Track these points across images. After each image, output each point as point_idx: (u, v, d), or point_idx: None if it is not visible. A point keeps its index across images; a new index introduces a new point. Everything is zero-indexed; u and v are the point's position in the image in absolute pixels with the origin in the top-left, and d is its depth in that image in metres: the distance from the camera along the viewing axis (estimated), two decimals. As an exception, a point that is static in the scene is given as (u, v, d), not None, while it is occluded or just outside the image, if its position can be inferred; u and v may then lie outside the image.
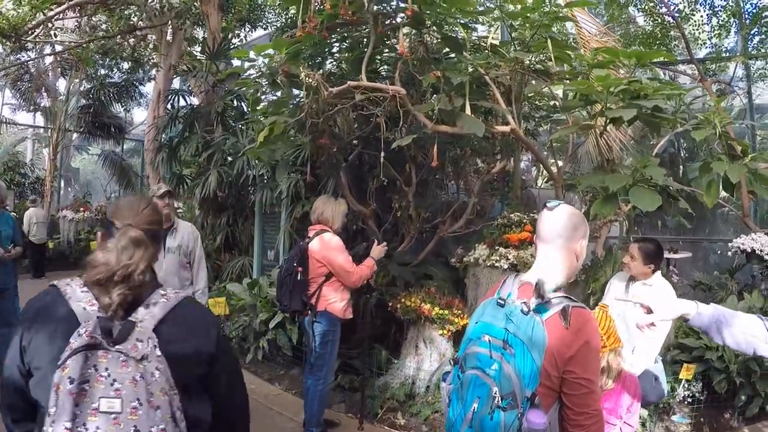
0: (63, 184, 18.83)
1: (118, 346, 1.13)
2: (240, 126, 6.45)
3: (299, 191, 5.37)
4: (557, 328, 1.41)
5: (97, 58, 11.12)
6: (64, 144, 14.84)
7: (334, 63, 5.06)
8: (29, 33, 8.82)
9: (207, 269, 4.03)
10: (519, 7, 3.56)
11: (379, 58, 4.75)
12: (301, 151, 4.72)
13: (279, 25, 9.88)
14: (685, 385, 3.98)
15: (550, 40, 3.40)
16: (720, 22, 8.13)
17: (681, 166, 8.32)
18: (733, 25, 8.09)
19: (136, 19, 9.68)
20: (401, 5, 3.58)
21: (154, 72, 11.16)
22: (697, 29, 8.71)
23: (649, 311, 1.65)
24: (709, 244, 8.20)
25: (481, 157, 5.58)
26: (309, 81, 3.37)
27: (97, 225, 11.58)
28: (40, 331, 1.20)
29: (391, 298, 4.50)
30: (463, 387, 1.50)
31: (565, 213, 1.60)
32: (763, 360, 1.52)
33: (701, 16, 8.47)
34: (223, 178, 6.37)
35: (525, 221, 4.44)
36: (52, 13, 8.55)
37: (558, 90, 4.96)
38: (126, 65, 12.48)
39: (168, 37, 9.54)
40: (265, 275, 5.75)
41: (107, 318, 1.16)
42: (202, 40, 9.58)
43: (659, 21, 8.17)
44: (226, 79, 6.66)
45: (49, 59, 14.11)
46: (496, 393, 1.39)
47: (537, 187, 8.43)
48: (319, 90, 3.40)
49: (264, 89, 4.50)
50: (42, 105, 15.14)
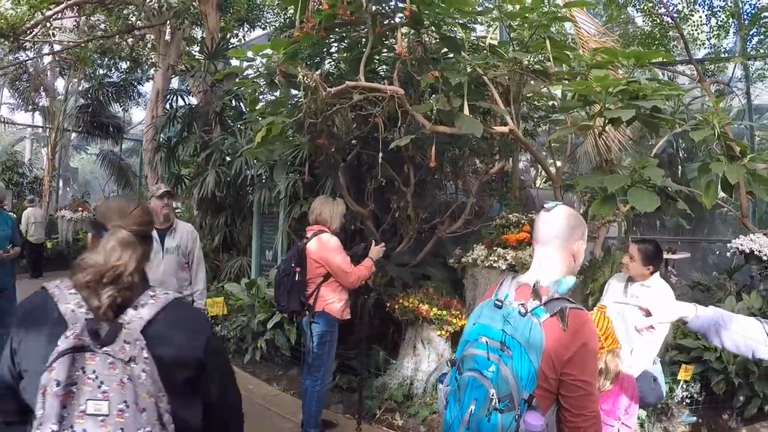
0: (61, 184, 18.85)
1: (105, 348, 1.13)
2: (238, 126, 6.44)
3: (297, 191, 5.35)
4: (555, 329, 1.40)
5: (96, 57, 11.11)
6: (63, 144, 14.83)
7: (333, 63, 5.06)
8: (28, 32, 8.83)
9: (206, 270, 4.03)
10: (517, 7, 3.55)
11: (377, 58, 4.74)
12: (299, 151, 4.72)
13: (278, 24, 9.85)
14: (684, 386, 3.98)
15: (548, 41, 3.40)
16: (719, 23, 8.13)
17: (680, 167, 8.31)
18: (732, 26, 8.09)
19: (134, 18, 9.68)
20: (399, 5, 3.57)
21: (152, 72, 11.18)
22: (696, 30, 8.71)
23: (648, 314, 1.64)
24: (707, 245, 8.20)
25: (479, 157, 5.58)
26: (307, 81, 3.37)
27: (87, 227, 11.55)
28: (29, 333, 1.20)
29: (389, 299, 4.50)
30: (461, 389, 1.50)
31: (562, 214, 1.60)
32: (761, 361, 1.51)
33: (700, 17, 8.47)
34: (222, 178, 6.36)
35: (523, 222, 4.44)
36: (50, 12, 8.55)
37: (556, 90, 4.96)
38: (124, 65, 12.45)
39: (166, 37, 9.54)
40: (264, 275, 5.74)
41: (95, 320, 1.16)
42: (200, 39, 9.57)
43: (658, 21, 8.17)
44: (225, 79, 6.65)
45: (47, 59, 14.13)
46: (493, 395, 1.39)
47: (535, 187, 8.42)
48: (318, 90, 3.40)
49: (262, 89, 4.50)
50: (40, 104, 15.15)
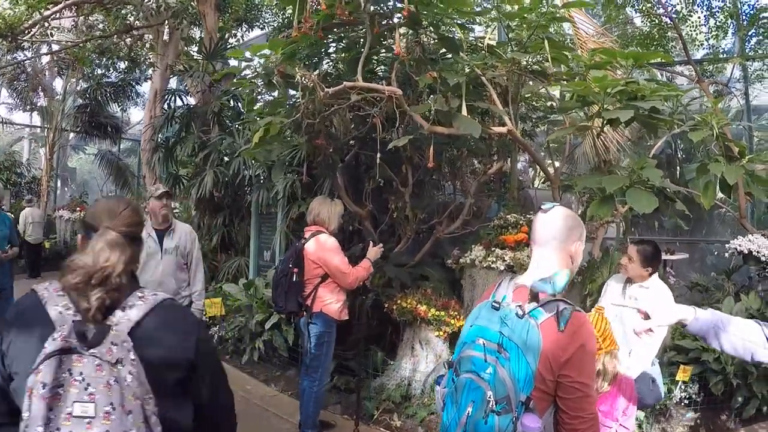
0: (59, 184, 18.80)
1: (92, 350, 1.12)
2: (236, 126, 6.43)
3: (295, 192, 5.35)
4: (552, 331, 1.39)
5: (94, 57, 11.11)
6: (61, 144, 14.83)
7: (331, 63, 5.05)
8: (26, 32, 8.82)
9: (204, 270, 4.02)
10: (516, 7, 3.55)
11: (375, 58, 4.73)
12: (297, 151, 4.71)
13: (276, 25, 9.86)
14: (682, 387, 3.97)
15: (547, 41, 3.39)
16: (717, 24, 8.12)
17: (678, 168, 8.30)
18: (731, 27, 8.08)
19: (132, 18, 9.68)
20: (398, 5, 3.57)
21: (150, 72, 11.17)
22: (695, 30, 8.70)
23: (647, 317, 1.63)
24: (706, 246, 8.19)
25: (477, 158, 5.57)
26: (305, 81, 3.36)
27: (78, 228, 11.53)
28: (18, 335, 1.20)
29: (387, 300, 4.49)
30: (458, 391, 1.49)
31: (559, 215, 1.59)
32: (760, 363, 1.50)
33: (699, 17, 8.46)
34: (220, 178, 6.35)
35: (521, 222, 4.43)
36: (48, 12, 8.54)
37: (555, 91, 4.95)
38: (123, 65, 12.45)
39: (165, 37, 9.52)
40: (261, 276, 5.73)
41: (82, 322, 1.15)
42: (198, 39, 9.58)
43: (656, 22, 8.16)
44: (223, 79, 6.65)
45: (45, 59, 14.12)
46: (490, 397, 1.38)
47: (534, 188, 8.41)
48: (316, 90, 3.39)
49: (260, 89, 4.49)
50: (39, 104, 15.13)
